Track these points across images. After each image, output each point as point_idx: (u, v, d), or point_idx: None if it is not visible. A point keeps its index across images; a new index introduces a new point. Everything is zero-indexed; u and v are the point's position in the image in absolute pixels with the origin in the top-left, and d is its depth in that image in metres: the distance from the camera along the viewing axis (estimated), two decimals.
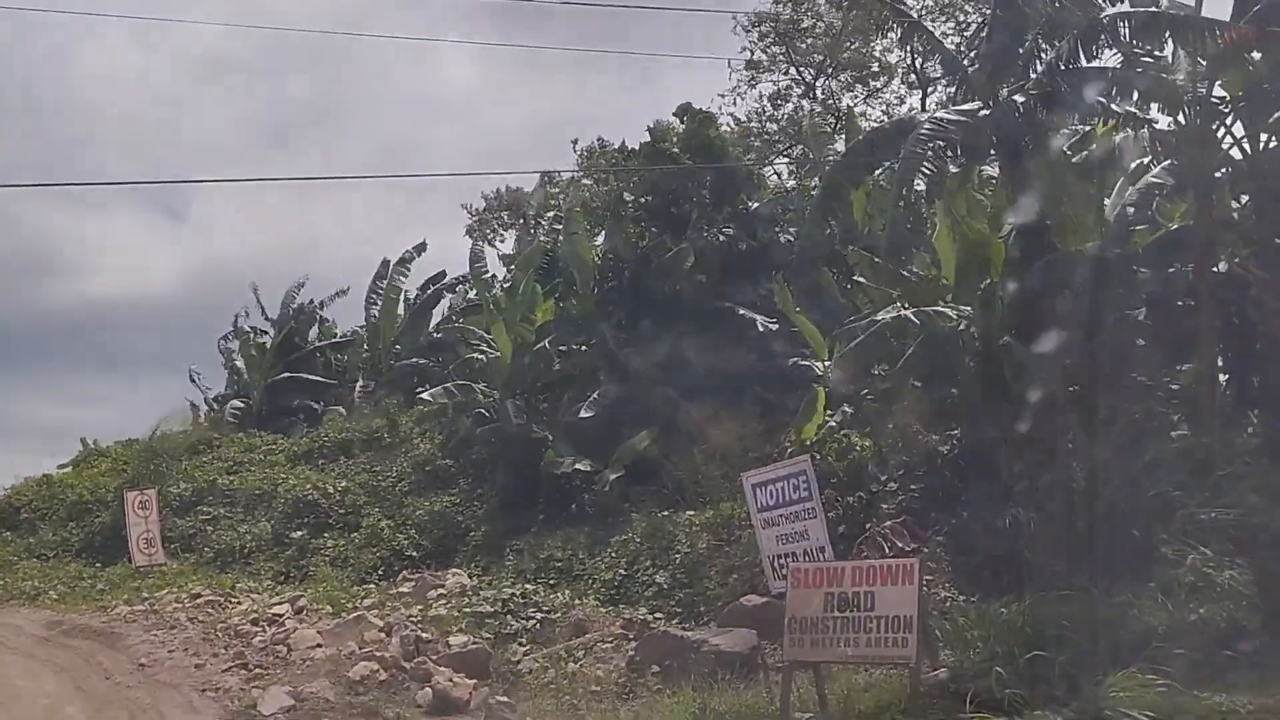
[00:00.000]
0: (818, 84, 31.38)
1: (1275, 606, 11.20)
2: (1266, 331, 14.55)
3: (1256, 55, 14.03)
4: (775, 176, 29.32)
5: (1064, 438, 14.25)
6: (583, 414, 19.86)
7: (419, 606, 15.44)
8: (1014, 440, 14.55)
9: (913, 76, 29.04)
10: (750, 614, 12.68)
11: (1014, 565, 13.06)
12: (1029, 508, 13.67)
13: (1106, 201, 15.89)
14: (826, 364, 17.91)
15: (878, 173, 17.89)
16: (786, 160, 30.66)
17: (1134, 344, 15.26)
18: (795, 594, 9.88)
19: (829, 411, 17.02)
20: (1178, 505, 12.85)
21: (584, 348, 22.06)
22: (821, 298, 20.04)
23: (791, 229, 21.13)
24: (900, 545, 13.83)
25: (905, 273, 16.72)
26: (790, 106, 31.52)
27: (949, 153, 14.29)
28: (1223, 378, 15.31)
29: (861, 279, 17.69)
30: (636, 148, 22.66)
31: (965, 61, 15.84)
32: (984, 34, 14.68)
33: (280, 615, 15.63)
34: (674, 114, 22.29)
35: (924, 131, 14.11)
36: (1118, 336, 15.18)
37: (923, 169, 13.92)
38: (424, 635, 13.79)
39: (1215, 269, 15.08)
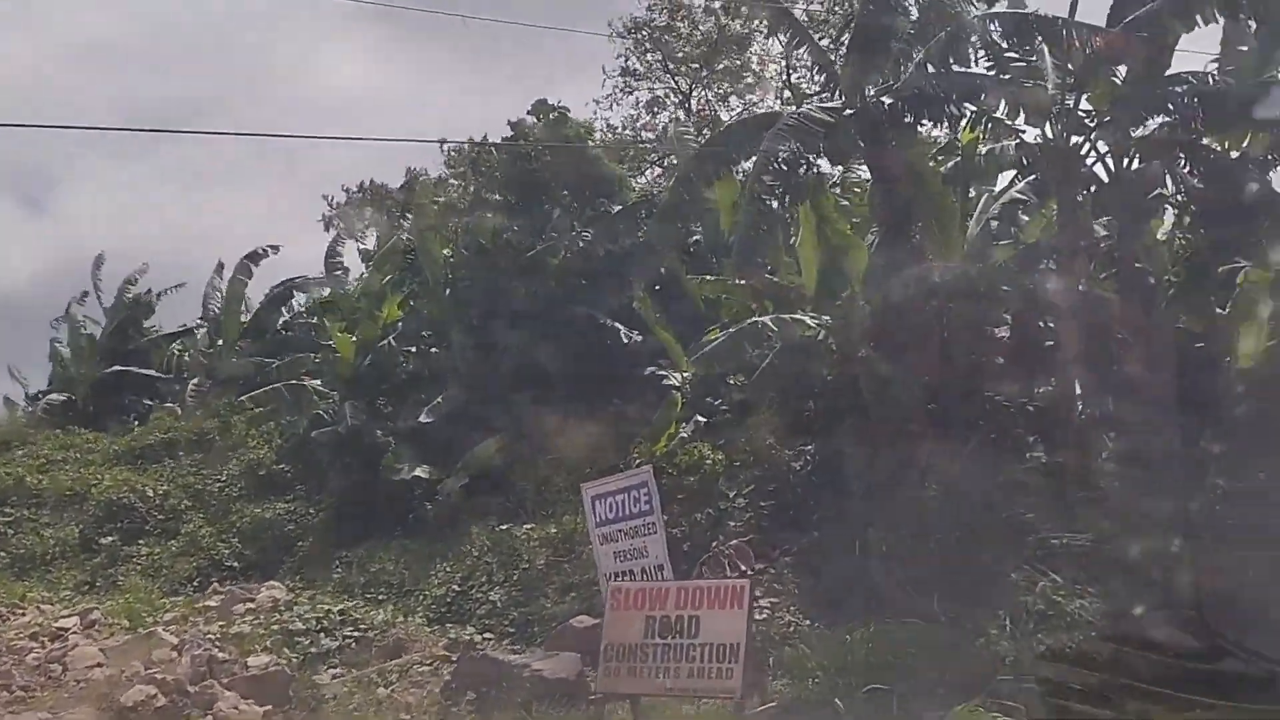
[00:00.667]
0: (693, 94, 30.77)
1: (1124, 637, 10.70)
2: (1125, 354, 14.18)
3: (1123, 69, 13.73)
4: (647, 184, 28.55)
5: (919, 456, 13.66)
6: (424, 418, 18.62)
7: (221, 623, 13.97)
8: (869, 458, 13.91)
9: (787, 92, 28.64)
10: (580, 636, 11.64)
11: (863, 589, 12.38)
12: (881, 528, 13.04)
13: (974, 212, 15.50)
14: (686, 375, 17.20)
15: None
16: (661, 169, 29.95)
17: (994, 362, 14.79)
18: (613, 617, 8.94)
19: (684, 424, 16.24)
20: (1031, 529, 12.38)
21: (434, 349, 20.83)
22: (683, 305, 19.33)
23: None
24: (745, 565, 13.05)
25: (767, 279, 16.07)
26: (666, 115, 30.90)
27: (811, 152, 13.57)
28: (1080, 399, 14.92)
29: (723, 286, 16.98)
30: (497, 143, 21.60)
31: (833, 58, 15.18)
32: (852, 29, 14.00)
33: (66, 630, 13.99)
34: (528, 111, 21.31)
35: (785, 126, 13.36)
36: (978, 353, 14.73)
37: (781, 165, 13.14)
38: (220, 655, 12.36)
39: (1078, 288, 14.76)
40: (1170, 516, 12.35)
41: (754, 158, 13.84)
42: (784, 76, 28.92)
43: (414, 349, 20.94)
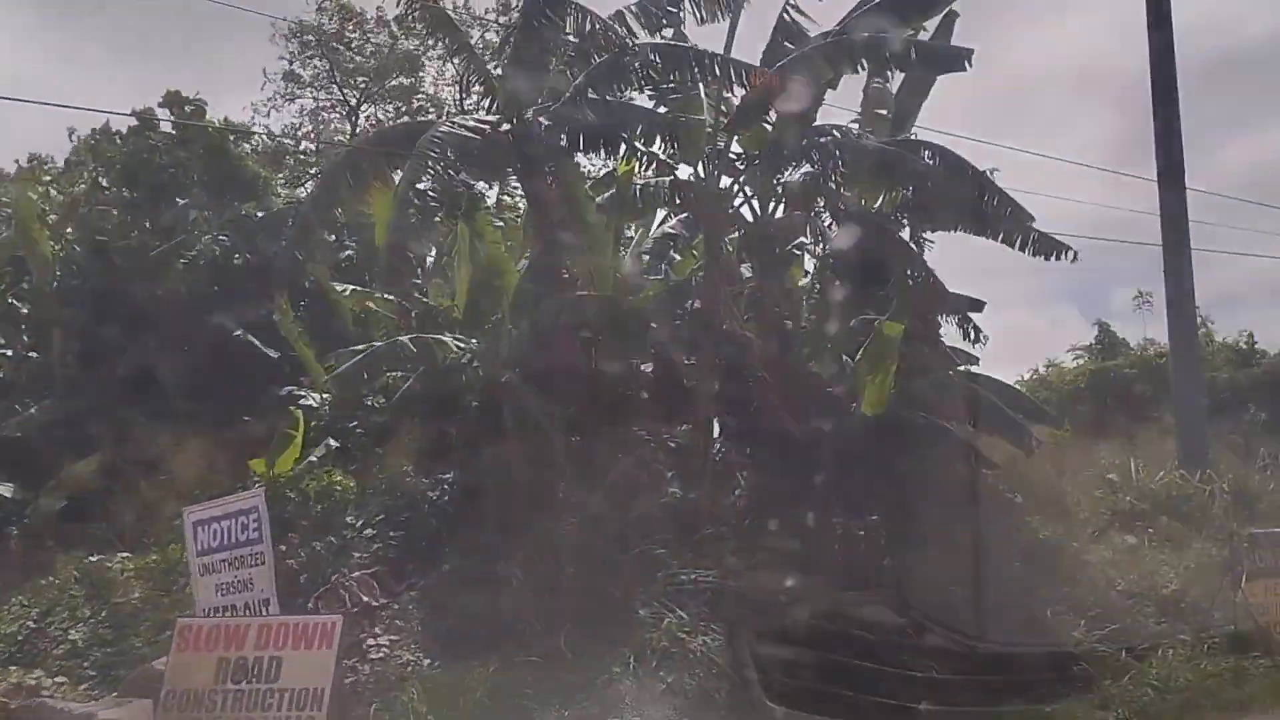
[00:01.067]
0: (362, 109, 29.54)
1: (742, 673, 10.68)
2: (760, 395, 14.47)
3: (774, 115, 14.12)
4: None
5: (559, 488, 13.23)
6: (13, 431, 16.22)
7: None
8: (509, 488, 13.31)
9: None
10: (160, 680, 10.14)
11: (491, 625, 11.70)
12: (515, 562, 12.44)
13: (630, 245, 15.45)
14: (326, 396, 16.00)
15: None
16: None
17: (639, 396, 14.69)
18: (179, 659, 7.78)
19: (320, 446, 15.00)
20: (662, 564, 12.20)
21: (32, 353, 18.30)
22: (336, 322, 18.06)
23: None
24: (367, 599, 12.03)
25: (416, 297, 15.25)
26: (332, 128, 29.45)
27: (465, 165, 12.93)
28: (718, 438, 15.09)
29: (364, 300, 15.98)
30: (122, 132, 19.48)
31: (493, 68, 14.68)
32: (512, 40, 13.56)
33: None
34: (160, 103, 19.44)
35: (437, 135, 12.65)
36: (623, 387, 14.57)
37: (430, 173, 12.40)
38: None
39: (721, 328, 14.97)
40: (794, 554, 12.62)
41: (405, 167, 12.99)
42: (459, 100, 28.34)
43: (8, 353, 18.32)
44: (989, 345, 15.35)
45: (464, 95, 26.72)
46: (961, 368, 15.75)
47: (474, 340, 14.17)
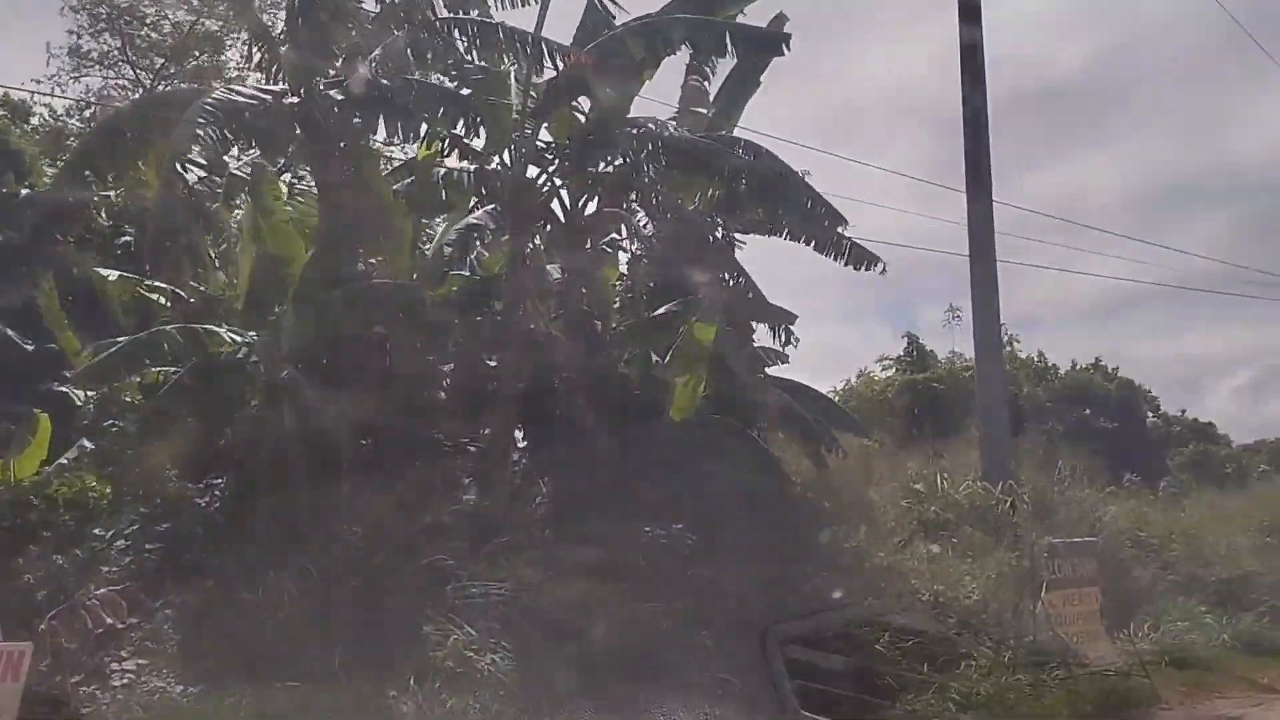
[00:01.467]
0: (157, 90, 27.36)
1: (535, 696, 9.89)
2: (566, 399, 13.75)
3: (587, 105, 13.46)
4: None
5: (344, 496, 12.15)
6: None
7: None
8: (287, 496, 12.14)
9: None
10: None
11: (258, 646, 10.53)
12: (290, 576, 11.28)
13: (432, 236, 14.50)
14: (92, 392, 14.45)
15: None
16: None
17: (436, 398, 13.75)
18: None
19: (74, 448, 13.45)
20: (451, 577, 11.29)
21: None
22: (99, 311, 16.38)
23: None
24: (111, 620, 10.68)
25: (191, 285, 13.88)
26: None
27: (244, 138, 11.74)
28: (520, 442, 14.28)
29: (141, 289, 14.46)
30: None
31: (278, 34, 13.47)
32: (297, 3, 12.38)
33: None
34: None
35: (209, 102, 11.39)
36: (418, 388, 13.60)
37: (202, 143, 11.15)
38: None
39: (528, 328, 14.20)
40: (596, 565, 11.92)
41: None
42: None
43: None
44: (804, 358, 15.20)
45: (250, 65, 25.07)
46: (773, 371, 15.43)
47: (253, 334, 12.93)
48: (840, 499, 15.90)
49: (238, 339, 12.58)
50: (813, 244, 15.55)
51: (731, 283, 14.43)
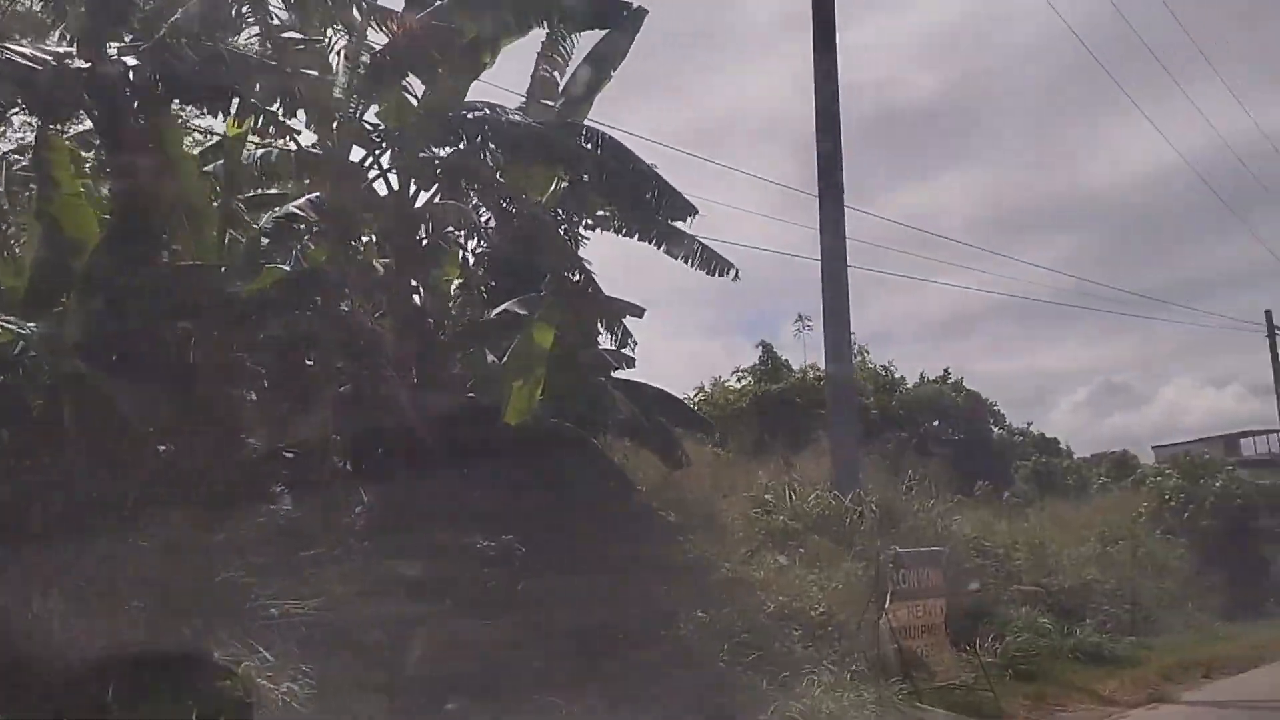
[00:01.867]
0: None
1: None
2: (392, 400, 12.68)
3: (421, 87, 12.51)
4: None
5: (129, 505, 10.85)
6: None
7: None
8: (64, 504, 10.78)
9: None
10: None
11: (13, 679, 9.19)
12: (61, 596, 9.95)
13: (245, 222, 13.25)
14: None
15: None
16: None
17: (246, 397, 12.55)
18: None
19: None
20: (250, 594, 10.14)
21: None
22: None
23: None
24: None
25: None
26: None
27: (20, 102, 10.40)
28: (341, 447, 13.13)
29: None
30: None
31: None
32: None
33: None
34: None
35: None
36: (227, 385, 12.37)
37: None
38: None
39: (356, 324, 13.14)
40: (417, 579, 10.94)
41: None
42: None
43: None
44: (667, 369, 14.57)
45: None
46: (617, 374, 14.71)
47: (34, 325, 11.49)
48: (687, 508, 15.30)
49: (10, 328, 11.13)
50: (663, 246, 14.95)
51: (575, 280, 13.61)
